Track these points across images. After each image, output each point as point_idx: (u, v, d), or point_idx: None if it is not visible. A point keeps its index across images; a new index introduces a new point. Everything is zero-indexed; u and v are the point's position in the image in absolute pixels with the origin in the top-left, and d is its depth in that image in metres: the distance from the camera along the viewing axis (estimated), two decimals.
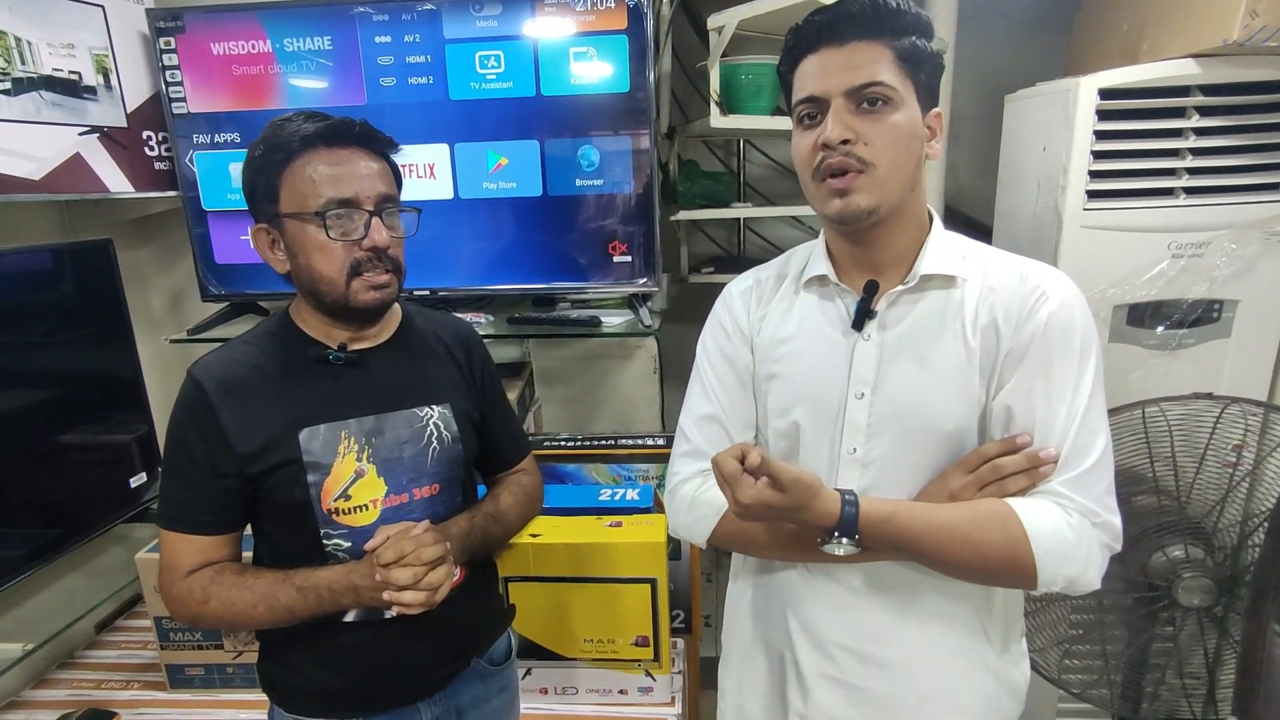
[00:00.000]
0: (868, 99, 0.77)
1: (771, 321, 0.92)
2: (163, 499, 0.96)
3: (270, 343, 0.98)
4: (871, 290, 0.84)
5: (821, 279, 0.89)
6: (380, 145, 0.95)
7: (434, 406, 1.01)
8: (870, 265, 0.86)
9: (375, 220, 0.91)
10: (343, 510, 0.96)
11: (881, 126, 0.77)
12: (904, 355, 0.83)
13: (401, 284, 0.97)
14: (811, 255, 0.92)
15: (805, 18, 0.81)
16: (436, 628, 1.00)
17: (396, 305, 1.07)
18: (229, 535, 0.97)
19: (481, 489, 1.19)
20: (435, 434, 1.01)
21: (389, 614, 0.96)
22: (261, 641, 1.05)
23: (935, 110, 0.83)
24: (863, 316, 0.84)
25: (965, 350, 0.82)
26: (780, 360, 0.90)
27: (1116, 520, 0.80)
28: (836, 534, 0.79)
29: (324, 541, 0.96)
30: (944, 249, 0.85)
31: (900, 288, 0.84)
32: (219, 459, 0.92)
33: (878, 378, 0.84)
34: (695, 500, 0.93)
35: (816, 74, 0.79)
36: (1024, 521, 0.77)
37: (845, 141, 0.77)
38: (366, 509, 0.97)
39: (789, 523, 0.82)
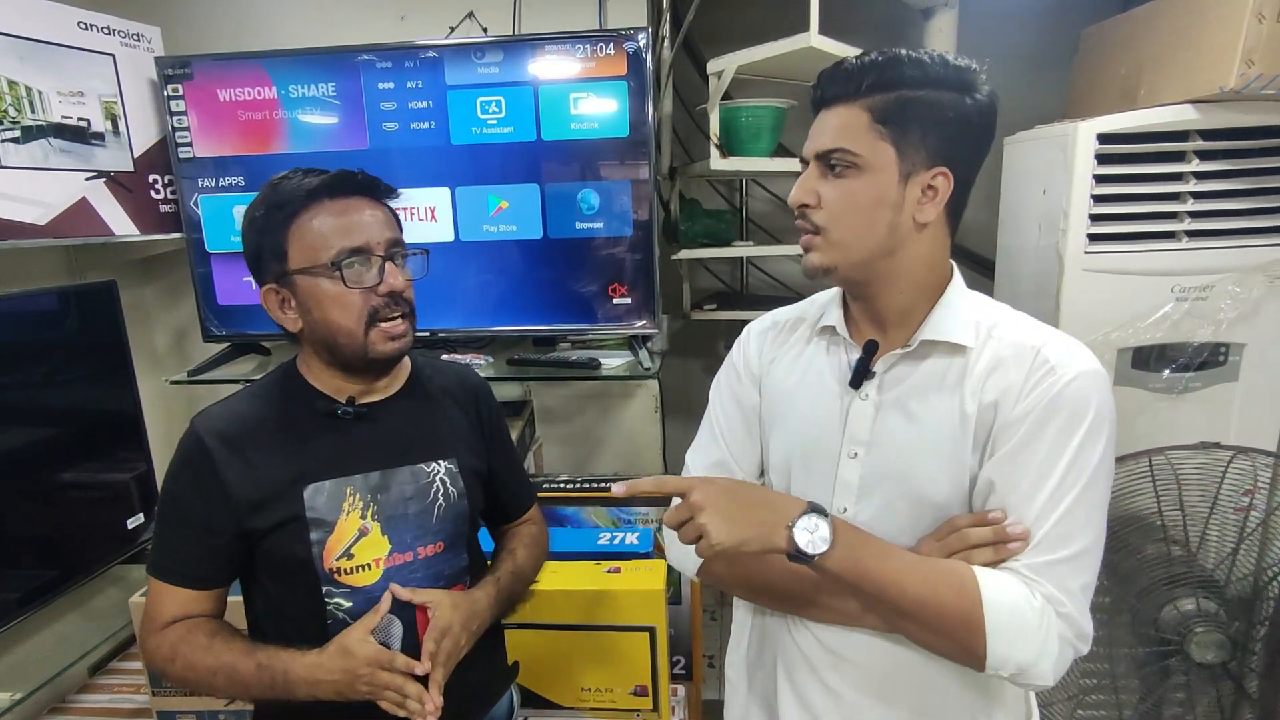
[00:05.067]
0: (830, 164, 0.78)
1: (781, 366, 0.91)
2: (153, 546, 0.95)
3: (275, 395, 0.97)
4: (871, 350, 0.82)
5: (831, 330, 0.88)
6: (382, 193, 0.96)
7: (441, 461, 0.99)
8: (875, 322, 0.84)
9: (389, 265, 0.92)
10: (345, 570, 0.94)
11: (837, 193, 0.78)
12: (899, 419, 0.81)
13: (414, 328, 0.96)
14: (830, 303, 0.91)
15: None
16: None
17: (406, 356, 1.04)
18: (213, 591, 0.95)
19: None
20: (441, 490, 0.99)
21: None
22: (255, 706, 1.02)
23: (938, 169, 0.76)
24: (860, 375, 0.82)
25: (961, 421, 0.78)
26: (782, 407, 0.89)
27: (1087, 623, 0.73)
28: (810, 512, 0.74)
29: (325, 600, 0.94)
30: (954, 315, 0.81)
31: (900, 351, 0.82)
32: (214, 515, 0.90)
33: (871, 438, 0.82)
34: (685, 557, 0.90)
35: (809, 135, 0.81)
36: (982, 587, 0.72)
37: (804, 205, 0.79)
38: (369, 568, 0.95)
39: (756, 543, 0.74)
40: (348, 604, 0.94)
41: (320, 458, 0.93)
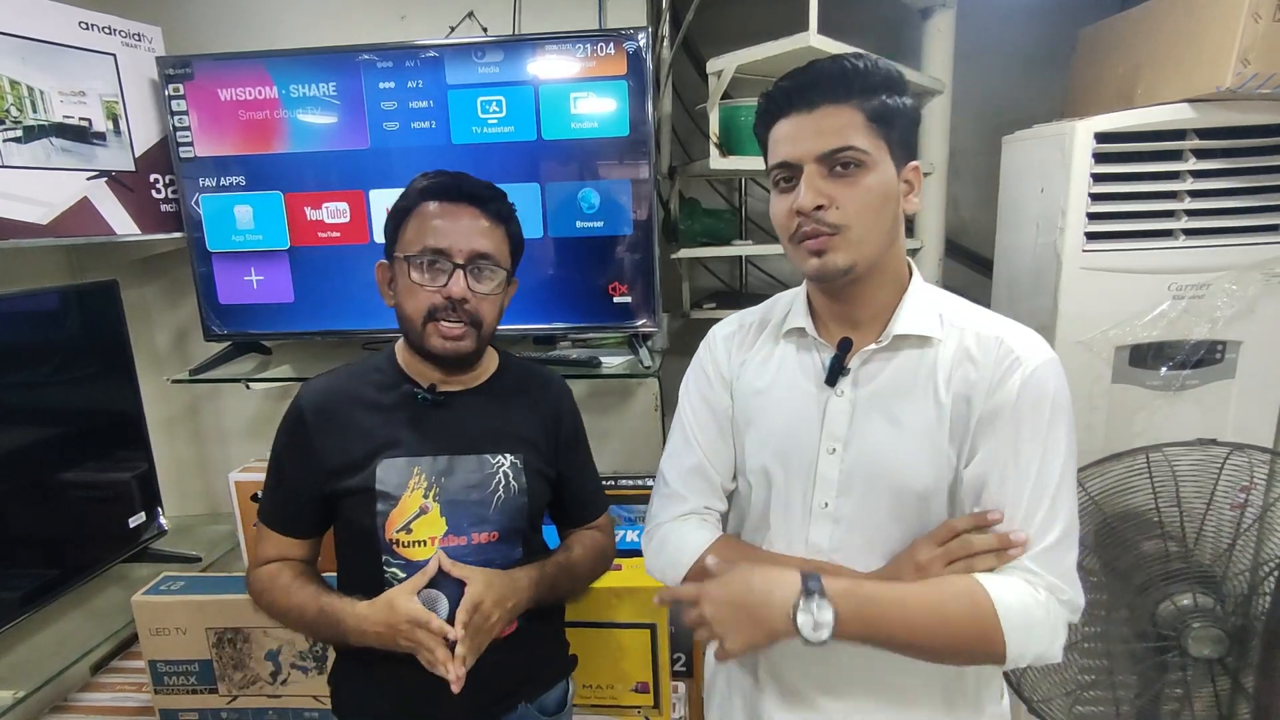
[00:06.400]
0: (840, 163, 0.78)
1: (751, 369, 0.93)
2: (262, 497, 1.08)
3: (372, 375, 1.06)
4: (845, 348, 0.84)
5: (800, 331, 0.89)
6: (493, 207, 1.01)
7: (507, 455, 1.04)
8: (848, 320, 0.86)
9: (459, 273, 0.97)
10: (403, 542, 1.01)
11: (854, 190, 0.78)
12: (876, 413, 0.84)
13: (481, 340, 1.02)
14: (794, 304, 0.92)
15: (775, 83, 0.82)
16: (481, 667, 1.00)
17: (495, 354, 1.12)
18: (304, 541, 1.07)
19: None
20: (503, 482, 1.04)
21: None
22: (336, 655, 1.12)
23: (912, 164, 0.82)
24: (836, 373, 0.84)
25: (936, 412, 0.81)
26: (756, 409, 0.91)
27: (1080, 597, 0.80)
28: (806, 596, 0.75)
29: (384, 568, 1.01)
30: (920, 308, 0.84)
31: (874, 346, 0.84)
32: (305, 476, 1.02)
33: (849, 433, 0.84)
34: (666, 542, 0.94)
35: (788, 139, 0.80)
36: (994, 599, 0.76)
37: (818, 207, 0.78)
38: (425, 545, 1.01)
39: (755, 617, 0.77)
40: (403, 575, 1.01)
41: (397, 437, 1.01)
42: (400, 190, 1.04)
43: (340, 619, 0.97)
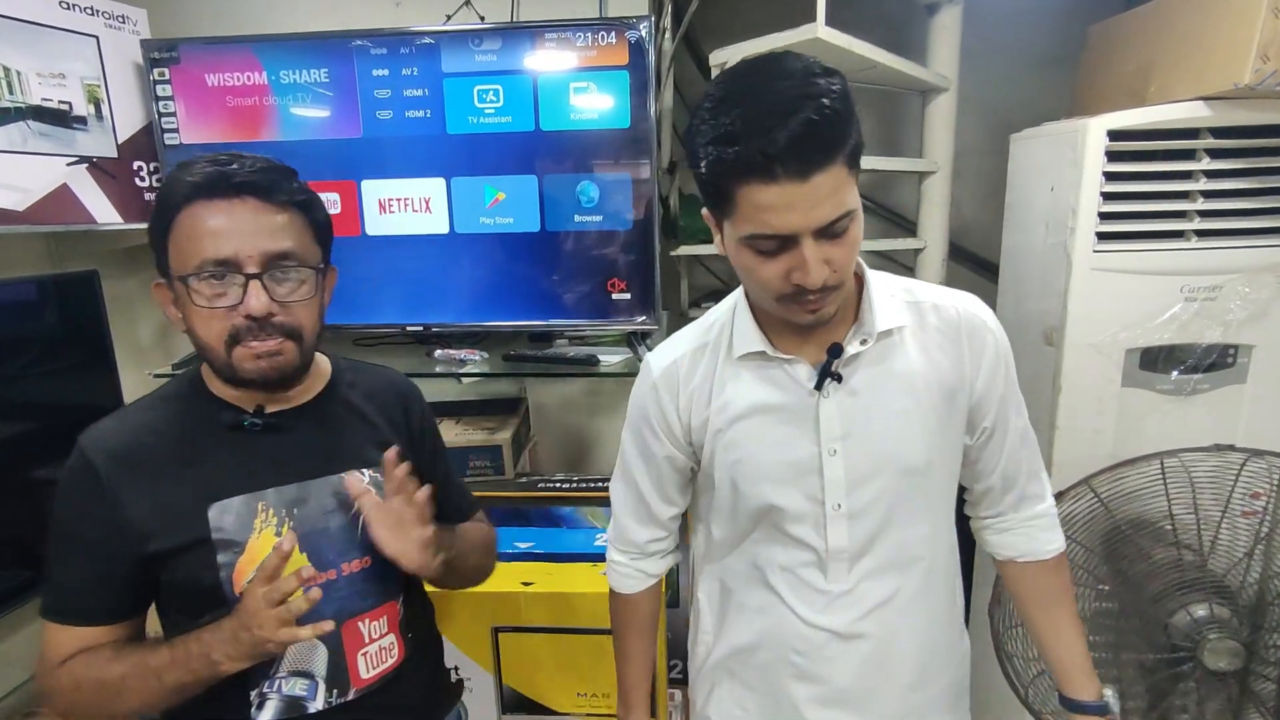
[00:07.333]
0: (837, 229, 0.73)
1: (715, 403, 0.88)
2: (46, 587, 0.85)
3: (176, 407, 0.88)
4: (836, 354, 0.83)
5: (761, 354, 0.86)
6: (279, 195, 0.83)
7: (365, 470, 0.91)
8: (812, 331, 0.84)
9: (254, 284, 0.80)
10: None
11: (845, 246, 0.75)
12: (864, 405, 0.85)
13: (305, 349, 0.86)
14: (735, 326, 0.87)
15: (746, 142, 0.69)
16: (373, 717, 0.91)
17: (325, 360, 0.97)
18: (121, 625, 0.85)
19: None
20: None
21: (311, 709, 0.87)
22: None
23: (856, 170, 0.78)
24: (825, 378, 0.84)
25: (917, 389, 0.85)
26: (740, 441, 0.87)
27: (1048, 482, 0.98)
28: None
29: None
30: (884, 299, 0.86)
31: (860, 349, 0.84)
32: (111, 543, 0.82)
33: (844, 431, 0.84)
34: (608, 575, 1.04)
35: (779, 211, 0.71)
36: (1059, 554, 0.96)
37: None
38: None
39: None
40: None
41: (227, 473, 0.85)
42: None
43: (198, 638, 0.79)
